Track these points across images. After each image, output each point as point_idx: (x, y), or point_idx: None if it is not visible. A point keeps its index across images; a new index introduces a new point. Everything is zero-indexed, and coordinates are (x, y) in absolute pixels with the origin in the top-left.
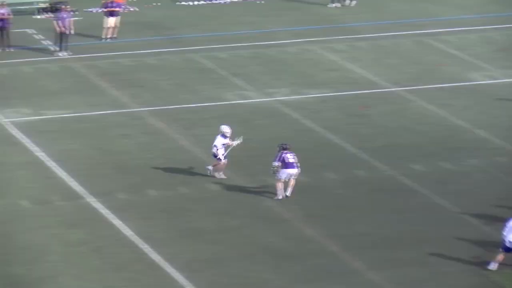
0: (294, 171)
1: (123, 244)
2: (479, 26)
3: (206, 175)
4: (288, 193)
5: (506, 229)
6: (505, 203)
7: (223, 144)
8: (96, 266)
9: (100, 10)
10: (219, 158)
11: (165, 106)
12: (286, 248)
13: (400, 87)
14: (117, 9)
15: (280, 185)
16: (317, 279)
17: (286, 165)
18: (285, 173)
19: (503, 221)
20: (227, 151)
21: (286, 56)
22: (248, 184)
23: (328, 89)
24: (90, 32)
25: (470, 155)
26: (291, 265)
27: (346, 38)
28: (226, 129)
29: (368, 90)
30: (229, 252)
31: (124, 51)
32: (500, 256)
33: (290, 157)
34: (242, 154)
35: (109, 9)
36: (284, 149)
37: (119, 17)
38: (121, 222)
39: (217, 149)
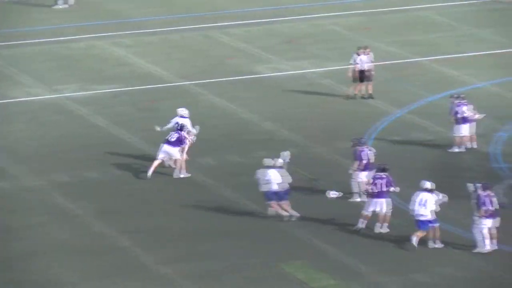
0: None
1: None
2: (264, 19)
3: None
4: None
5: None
6: (293, 194)
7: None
8: None
9: None
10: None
11: None
12: (79, 244)
13: (189, 81)
14: None
15: None
16: (109, 275)
17: None
18: None
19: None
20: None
21: (74, 52)
22: (38, 182)
23: (118, 84)
24: None
25: (260, 148)
26: (84, 261)
27: (134, 33)
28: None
29: (158, 84)
30: (31, 248)
31: None
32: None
33: None
34: (32, 151)
35: None
36: None
37: None
38: None
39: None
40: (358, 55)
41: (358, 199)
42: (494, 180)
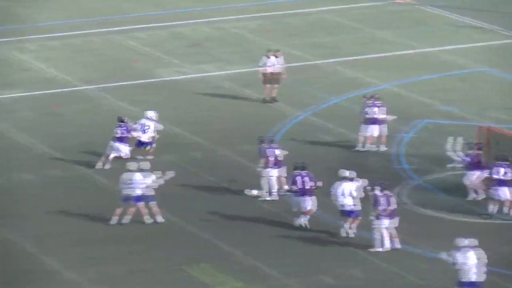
0: None
1: None
2: (168, 22)
3: None
4: None
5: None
6: (199, 196)
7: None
8: None
9: None
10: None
11: None
12: None
13: (94, 85)
14: None
15: None
16: (14, 281)
17: None
18: None
19: (202, 216)
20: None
21: None
22: None
23: (20, 89)
24: None
25: (165, 151)
26: None
27: (37, 37)
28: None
29: (62, 89)
30: None
31: None
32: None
33: None
34: None
35: None
36: None
37: None
38: None
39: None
40: (268, 57)
41: (268, 198)
42: (396, 181)
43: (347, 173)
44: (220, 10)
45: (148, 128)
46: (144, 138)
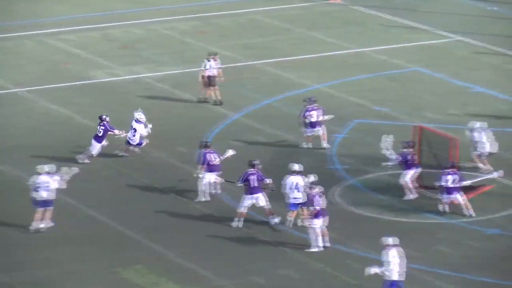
0: None
1: None
2: (99, 24)
3: None
4: None
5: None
6: (132, 198)
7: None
8: None
9: None
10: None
11: None
12: None
13: (24, 88)
14: None
15: None
16: None
17: None
18: None
19: (136, 218)
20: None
21: None
22: None
23: None
24: None
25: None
26: None
27: None
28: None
29: None
30: None
31: None
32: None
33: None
34: None
35: None
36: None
37: None
38: None
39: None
40: (209, 60)
41: (203, 199)
42: (329, 181)
43: (296, 167)
44: (151, 12)
45: (135, 131)
46: (134, 141)
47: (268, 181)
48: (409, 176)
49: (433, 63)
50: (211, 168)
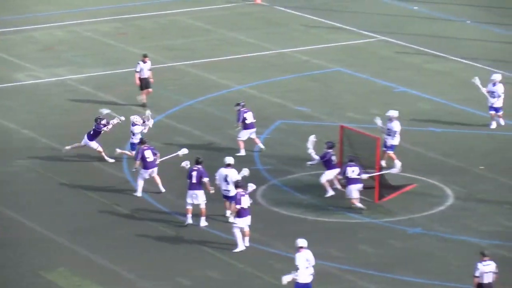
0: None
1: None
2: (20, 27)
3: None
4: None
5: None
6: (55, 201)
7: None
8: None
9: None
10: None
11: None
12: None
13: None
14: None
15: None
16: None
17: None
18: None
19: (59, 221)
20: None
21: None
22: None
23: None
24: None
25: (20, 156)
26: None
27: None
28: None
29: None
30: None
31: None
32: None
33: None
34: None
35: None
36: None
37: None
38: None
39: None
40: (144, 62)
41: (139, 194)
42: (251, 181)
43: (228, 160)
44: (72, 14)
45: (133, 134)
46: (134, 140)
47: (206, 180)
48: (329, 175)
49: (355, 63)
50: (146, 164)
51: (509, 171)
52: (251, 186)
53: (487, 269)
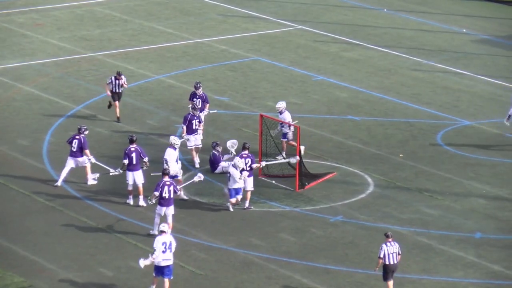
0: None
1: None
2: None
3: None
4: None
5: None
6: None
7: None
8: None
9: None
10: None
11: None
12: None
13: None
14: None
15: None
16: None
17: None
18: None
19: None
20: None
21: None
22: None
23: None
24: None
25: None
26: None
27: None
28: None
29: None
30: None
31: None
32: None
33: None
34: None
35: None
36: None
37: None
38: None
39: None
40: (116, 80)
41: (94, 182)
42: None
43: (177, 141)
44: None
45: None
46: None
47: (145, 159)
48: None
49: (272, 52)
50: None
51: (428, 159)
52: (199, 177)
53: (391, 250)
